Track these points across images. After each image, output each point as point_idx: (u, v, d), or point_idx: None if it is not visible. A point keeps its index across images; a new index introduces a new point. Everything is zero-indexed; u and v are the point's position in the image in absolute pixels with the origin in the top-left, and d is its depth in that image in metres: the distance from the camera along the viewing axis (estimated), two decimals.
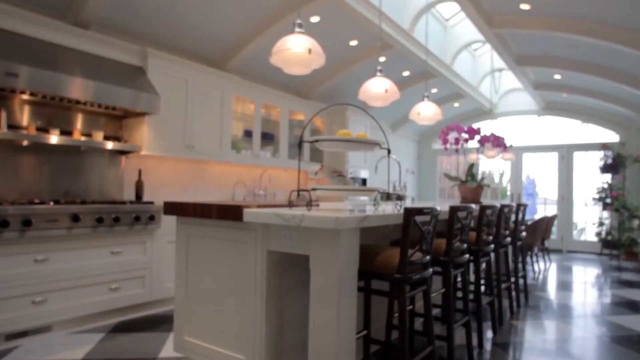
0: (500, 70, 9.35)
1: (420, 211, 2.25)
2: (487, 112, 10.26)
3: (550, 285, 5.84)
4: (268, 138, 6.17)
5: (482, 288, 4.51)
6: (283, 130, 6.32)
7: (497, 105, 10.26)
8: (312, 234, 2.10)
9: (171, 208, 2.69)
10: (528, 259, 7.32)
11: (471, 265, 4.68)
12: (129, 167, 4.67)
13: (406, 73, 7.43)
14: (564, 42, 5.70)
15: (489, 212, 3.55)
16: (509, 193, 10.32)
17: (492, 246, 3.65)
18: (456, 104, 9.62)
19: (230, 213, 2.37)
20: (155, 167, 4.94)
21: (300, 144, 2.47)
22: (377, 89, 4.05)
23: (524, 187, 10.28)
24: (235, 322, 2.42)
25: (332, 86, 7.02)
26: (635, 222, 8.00)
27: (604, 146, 8.51)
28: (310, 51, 2.92)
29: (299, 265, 2.46)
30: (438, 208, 2.40)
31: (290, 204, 2.52)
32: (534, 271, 6.83)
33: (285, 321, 2.41)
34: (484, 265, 4.27)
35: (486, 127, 10.04)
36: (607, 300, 5.04)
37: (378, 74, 4.13)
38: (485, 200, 10.19)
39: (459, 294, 3.98)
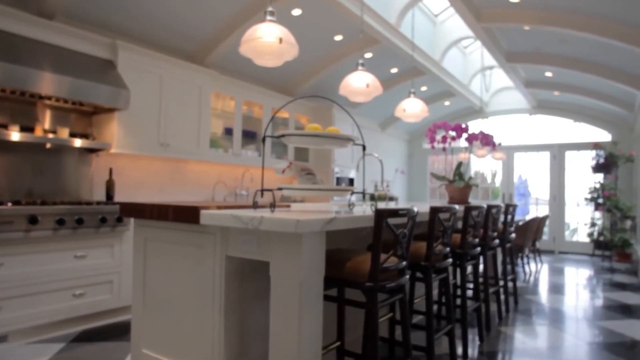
0: (491, 68, 9.19)
1: (394, 213, 2.04)
2: (478, 111, 10.09)
3: (541, 288, 5.67)
4: (250, 136, 5.96)
5: (471, 292, 4.32)
6: (267, 129, 6.09)
7: (489, 104, 10.10)
8: (272, 239, 1.90)
9: (127, 209, 2.47)
10: (519, 261, 7.14)
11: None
12: (100, 166, 4.43)
13: (394, 70, 7.24)
14: (555, 37, 5.53)
15: (474, 213, 3.36)
16: (500, 193, 10.16)
17: (479, 249, 3.46)
18: (447, 103, 9.44)
19: (187, 215, 2.15)
20: (129, 166, 4.71)
21: (264, 139, 2.26)
22: (359, 83, 3.85)
23: (516, 187, 10.13)
24: (193, 334, 2.20)
25: (317, 83, 6.81)
26: (628, 223, 7.85)
27: (596, 145, 8.36)
28: (281, 40, 2.71)
29: (263, 272, 2.25)
30: (415, 209, 2.20)
31: (254, 205, 2.31)
32: (524, 273, 6.66)
33: (248, 333, 2.20)
34: (472, 269, 4.08)
35: (477, 126, 9.88)
36: (599, 303, 4.86)
37: (360, 67, 3.93)
38: (476, 201, 10.03)
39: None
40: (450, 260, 2.84)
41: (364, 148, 2.52)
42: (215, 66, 5.43)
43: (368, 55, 6.46)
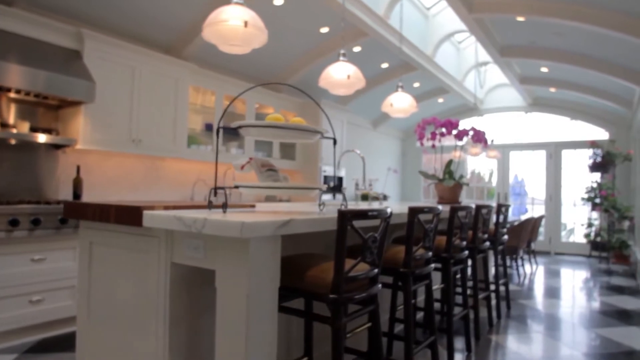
0: (485, 64, 8.95)
1: (361, 214, 1.79)
2: (473, 109, 9.85)
3: (536, 292, 5.43)
4: (232, 132, 5.70)
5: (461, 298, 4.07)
6: None
7: (484, 102, 9.87)
8: (218, 244, 1.65)
9: (70, 210, 2.22)
10: (513, 263, 6.90)
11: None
12: (67, 163, 4.17)
13: (385, 65, 6.99)
14: (549, 29, 5.28)
15: (462, 213, 3.12)
16: (496, 193, 9.92)
17: (466, 252, 3.21)
18: (440, 100, 9.20)
19: (129, 216, 1.90)
20: (99, 163, 4.45)
21: (218, 131, 2.02)
22: (340, 75, 3.59)
23: (512, 187, 9.89)
24: (138, 350, 1.95)
25: (304, 77, 6.55)
26: (626, 224, 7.61)
27: (593, 144, 8.12)
28: (246, 24, 2.46)
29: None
30: (388, 210, 1.95)
31: (209, 206, 2.06)
32: (519, 276, 6.42)
33: (197, 350, 1.94)
34: (460, 274, 3.83)
35: (472, 124, 9.63)
36: (596, 308, 4.62)
37: (342, 58, 3.68)
38: (472, 201, 9.79)
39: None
40: (432, 266, 2.59)
41: (334, 142, 2.28)
42: (194, 59, 5.17)
43: (357, 49, 6.21)
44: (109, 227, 2.09)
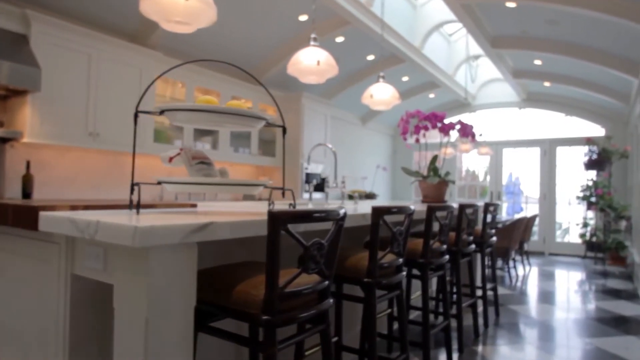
0: (477, 57, 8.63)
1: (301, 216, 1.46)
2: (465, 105, 9.54)
3: (527, 296, 5.11)
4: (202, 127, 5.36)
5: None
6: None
7: (476, 97, 9.55)
8: (117, 253, 1.31)
9: None
10: (505, 265, 6.58)
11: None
12: (16, 158, 3.82)
13: (371, 57, 6.66)
14: (542, 15, 4.96)
15: (441, 214, 2.79)
16: (489, 192, 9.61)
17: (447, 257, 2.88)
18: (431, 95, 8.88)
19: (26, 218, 1.56)
20: (55, 158, 4.10)
21: (135, 116, 1.69)
22: (309, 60, 3.26)
23: (507, 185, 9.58)
24: None
25: (283, 70, 6.20)
26: (622, 224, 7.29)
27: (588, 140, 7.80)
28: None
29: None
30: (342, 211, 1.62)
31: (130, 205, 1.73)
32: (510, 278, 6.10)
33: None
34: (440, 280, 3.51)
35: (464, 120, 9.32)
36: (592, 315, 4.31)
37: (312, 43, 3.35)
38: (463, 200, 9.48)
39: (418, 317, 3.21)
40: (404, 273, 2.26)
41: (284, 130, 1.95)
42: (162, 47, 4.82)
43: (340, 39, 5.89)
44: (9, 231, 1.75)
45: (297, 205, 2.28)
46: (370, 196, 8.95)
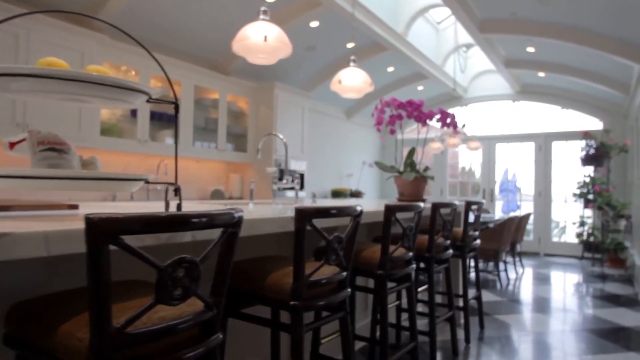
0: (467, 47, 8.16)
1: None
2: (457, 98, 9.07)
3: (518, 304, 4.65)
4: (164, 120, 4.89)
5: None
6: (187, 110, 5.03)
7: (468, 90, 9.08)
8: None
9: None
10: (495, 268, 6.11)
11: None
12: None
13: (350, 45, 6.18)
14: None
15: (403, 215, 2.33)
16: (481, 189, 9.14)
17: (413, 266, 2.42)
18: (420, 87, 8.41)
19: None
20: None
21: None
22: (257, 37, 2.79)
23: (502, 182, 9.12)
24: None
25: None
26: (622, 223, 6.82)
27: (585, 134, 7.33)
28: None
29: None
30: (238, 214, 1.15)
31: None
32: (500, 283, 5.63)
33: None
34: (406, 293, 3.04)
35: (455, 114, 8.85)
36: (589, 326, 3.85)
37: (262, 16, 2.88)
38: (453, 198, 9.00)
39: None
40: (348, 291, 1.79)
41: (176, 108, 1.51)
42: (107, 29, 4.33)
43: (314, 23, 5.42)
44: None
45: (257, 204, 1.82)
46: (355, 194, 8.50)
